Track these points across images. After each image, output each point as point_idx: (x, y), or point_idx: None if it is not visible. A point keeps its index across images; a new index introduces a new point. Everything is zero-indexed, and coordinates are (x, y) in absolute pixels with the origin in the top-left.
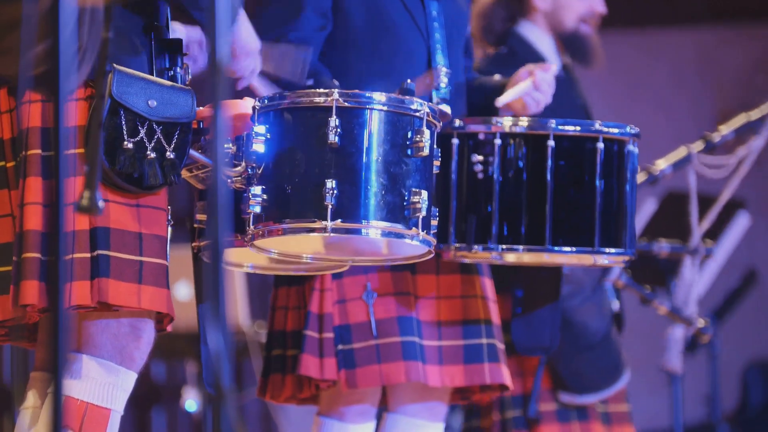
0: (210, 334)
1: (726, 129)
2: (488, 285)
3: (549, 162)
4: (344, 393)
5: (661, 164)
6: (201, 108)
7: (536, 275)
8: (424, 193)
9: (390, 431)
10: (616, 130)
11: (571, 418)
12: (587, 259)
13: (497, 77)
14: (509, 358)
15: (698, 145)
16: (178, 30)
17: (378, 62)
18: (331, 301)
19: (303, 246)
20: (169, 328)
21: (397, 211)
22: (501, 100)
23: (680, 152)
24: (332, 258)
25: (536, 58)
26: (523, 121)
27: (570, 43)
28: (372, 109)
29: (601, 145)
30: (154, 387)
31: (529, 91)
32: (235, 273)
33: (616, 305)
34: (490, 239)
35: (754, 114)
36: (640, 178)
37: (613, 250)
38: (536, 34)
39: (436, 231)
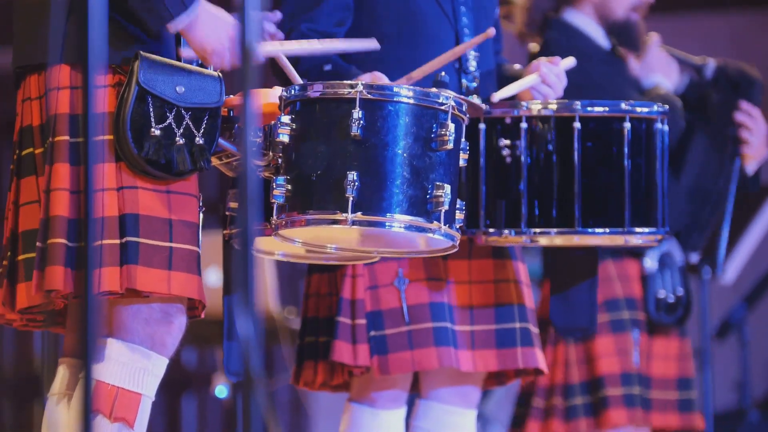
0: (240, 321)
1: None
2: (521, 269)
3: (576, 143)
4: (376, 379)
5: None
6: (232, 96)
7: (572, 253)
8: (447, 187)
9: (423, 418)
10: (643, 109)
11: (636, 403)
12: (619, 240)
13: (517, 66)
14: (577, 345)
15: None
16: None
17: (403, 49)
18: (363, 287)
19: (330, 237)
20: (202, 315)
21: (418, 204)
22: (497, 95)
23: None
24: (358, 249)
25: (584, 41)
26: (552, 104)
27: (618, 31)
28: (396, 101)
29: (627, 124)
30: (184, 373)
31: (535, 84)
32: (265, 259)
33: (680, 291)
34: (521, 223)
35: None
36: None
37: (645, 230)
38: (583, 21)
39: (461, 225)
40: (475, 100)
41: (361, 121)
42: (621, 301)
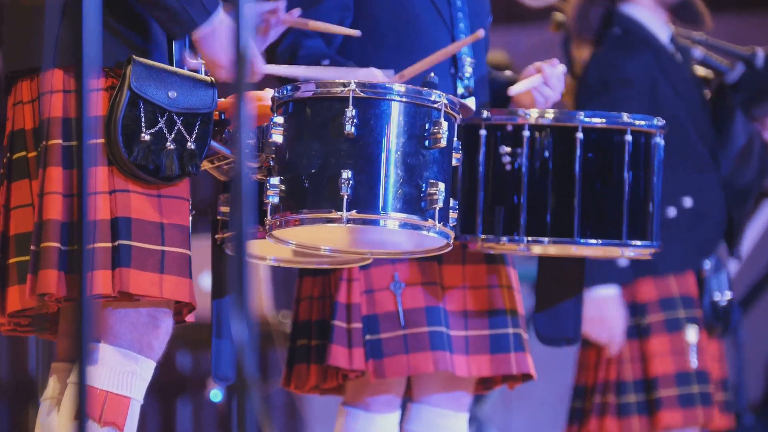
0: (234, 325)
1: None
2: (513, 275)
3: (577, 154)
4: (370, 383)
5: None
6: (223, 99)
7: (560, 264)
8: (441, 185)
9: (414, 421)
10: (643, 122)
11: (695, 403)
12: (615, 252)
13: (508, 73)
14: (632, 342)
15: None
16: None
17: (402, 54)
18: (358, 291)
19: (324, 237)
20: (190, 318)
21: (413, 202)
22: (513, 89)
23: None
24: (352, 251)
25: (648, 36)
26: (550, 113)
27: (680, 9)
28: (389, 99)
29: (629, 137)
30: (179, 377)
31: (538, 85)
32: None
33: (729, 295)
34: (518, 231)
35: None
36: None
37: (639, 242)
38: (642, 13)
39: (455, 224)
40: (468, 100)
41: (355, 120)
42: (677, 299)
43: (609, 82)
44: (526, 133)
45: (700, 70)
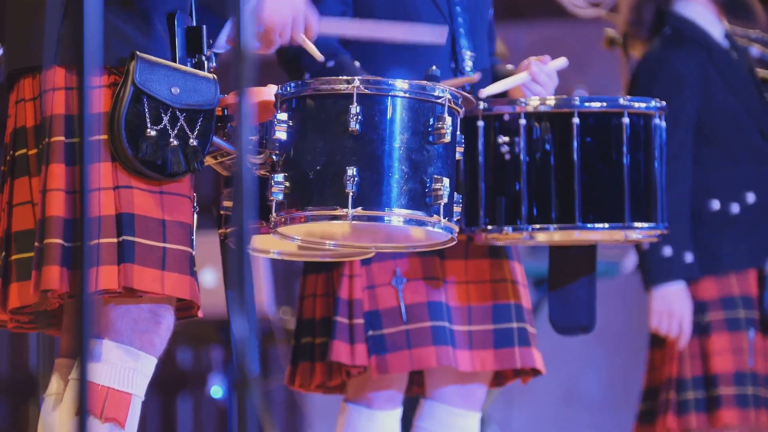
0: (235, 321)
1: None
2: (518, 269)
3: (575, 139)
4: (372, 379)
5: None
6: (225, 95)
7: (570, 252)
8: (446, 180)
9: (427, 418)
10: (641, 105)
11: (749, 404)
12: (619, 235)
13: (509, 67)
14: (692, 339)
15: None
16: None
17: (401, 49)
18: (360, 287)
19: (328, 232)
20: (200, 314)
21: (418, 198)
22: (485, 91)
23: None
24: (355, 244)
25: (702, 35)
26: (550, 100)
27: (732, 6)
28: (393, 96)
29: (626, 120)
30: (179, 373)
31: (526, 83)
32: (260, 259)
33: None
34: (520, 220)
35: None
36: None
37: (645, 225)
38: (696, 11)
39: (459, 218)
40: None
41: (359, 117)
42: (737, 299)
43: (659, 78)
44: (523, 122)
45: (761, 72)
